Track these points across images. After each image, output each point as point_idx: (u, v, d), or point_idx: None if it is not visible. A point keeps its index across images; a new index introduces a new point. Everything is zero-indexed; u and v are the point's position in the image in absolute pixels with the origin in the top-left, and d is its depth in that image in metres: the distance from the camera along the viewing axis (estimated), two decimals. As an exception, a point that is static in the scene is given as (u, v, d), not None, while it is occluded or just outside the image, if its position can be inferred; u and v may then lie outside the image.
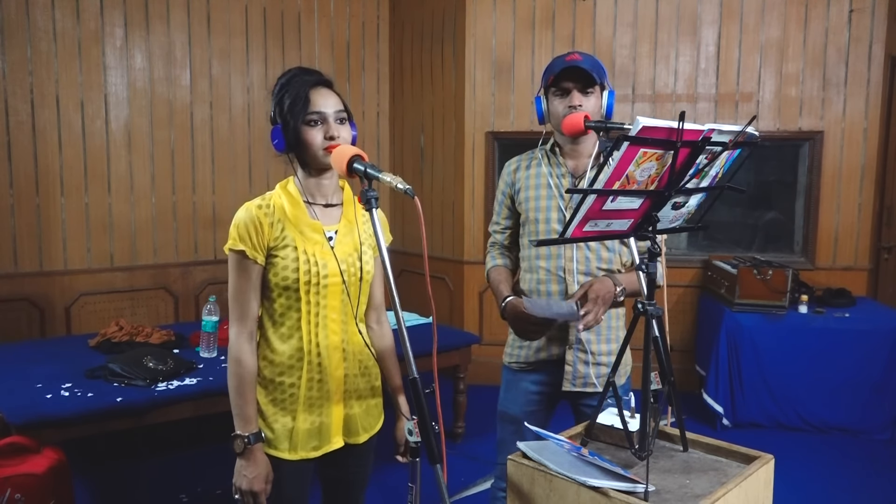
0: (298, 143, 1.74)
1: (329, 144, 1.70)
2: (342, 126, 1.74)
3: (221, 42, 4.86)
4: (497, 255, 2.39)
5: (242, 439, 1.72)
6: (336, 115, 1.73)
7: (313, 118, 1.71)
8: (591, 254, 2.17)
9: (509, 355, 2.32)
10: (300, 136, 1.72)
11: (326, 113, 1.72)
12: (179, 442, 4.02)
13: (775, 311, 4.22)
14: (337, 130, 1.72)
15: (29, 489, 2.34)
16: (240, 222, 1.73)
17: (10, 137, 4.22)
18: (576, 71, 2.08)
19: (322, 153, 1.72)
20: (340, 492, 1.96)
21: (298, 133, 1.72)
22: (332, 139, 1.71)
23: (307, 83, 1.74)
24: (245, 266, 1.73)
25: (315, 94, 1.73)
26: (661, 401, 1.66)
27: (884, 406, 4.06)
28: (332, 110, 1.73)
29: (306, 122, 1.72)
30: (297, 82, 1.74)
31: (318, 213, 1.79)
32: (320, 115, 1.72)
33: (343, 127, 1.74)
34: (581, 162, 2.21)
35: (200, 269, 4.87)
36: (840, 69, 4.60)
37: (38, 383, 2.95)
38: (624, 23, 4.76)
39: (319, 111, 1.72)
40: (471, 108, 4.96)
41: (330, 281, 1.76)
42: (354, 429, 1.87)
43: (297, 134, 1.72)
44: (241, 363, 1.74)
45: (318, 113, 1.71)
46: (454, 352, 3.90)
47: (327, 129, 1.71)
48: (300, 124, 1.72)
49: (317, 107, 1.72)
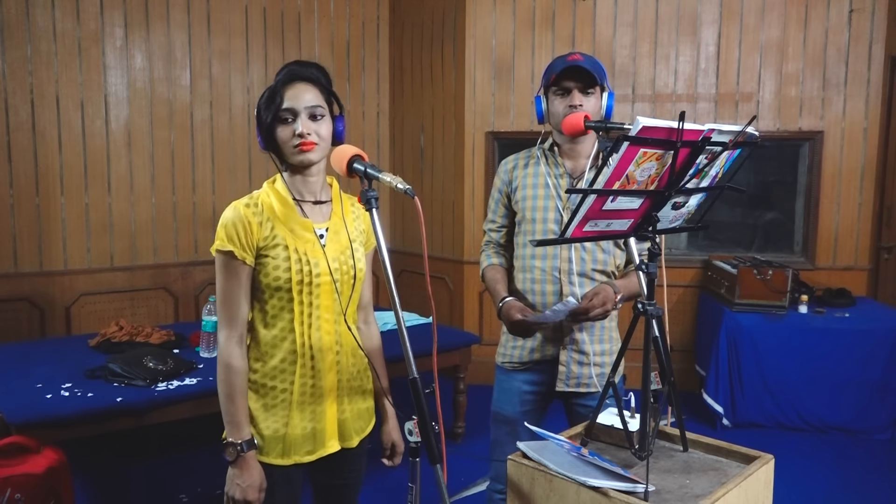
0: (272, 141, 1.69)
1: (300, 142, 1.65)
2: (318, 122, 1.67)
3: (221, 42, 4.86)
4: (492, 254, 2.37)
5: (235, 447, 1.66)
6: (309, 111, 1.66)
7: (284, 115, 1.65)
8: (586, 255, 2.18)
9: (502, 355, 2.32)
10: (273, 134, 1.68)
11: (297, 109, 1.65)
12: (179, 442, 4.02)
13: (775, 311, 4.21)
14: (308, 127, 1.65)
15: (29, 489, 2.34)
16: (227, 222, 1.67)
17: (10, 137, 4.22)
18: (577, 70, 2.08)
19: (293, 151, 1.66)
20: (333, 497, 1.91)
21: (272, 131, 1.68)
22: (300, 137, 1.64)
23: (283, 79, 1.68)
24: (234, 267, 1.68)
25: (289, 89, 1.66)
26: (661, 401, 1.66)
27: (884, 406, 4.05)
28: (303, 105, 1.66)
29: (279, 119, 1.66)
30: (280, 77, 1.69)
31: (307, 211, 1.74)
32: (290, 111, 1.65)
33: (320, 123, 1.67)
34: (579, 162, 2.22)
35: (200, 269, 4.88)
36: (840, 69, 4.60)
37: (38, 383, 2.96)
38: (624, 23, 4.76)
39: (289, 107, 1.65)
40: (471, 108, 4.96)
41: (322, 280, 1.71)
42: (347, 432, 1.82)
43: (271, 132, 1.68)
44: (232, 368, 1.68)
45: (288, 110, 1.65)
46: (454, 352, 3.90)
47: (297, 127, 1.65)
48: (274, 122, 1.67)
49: (287, 103, 1.65)
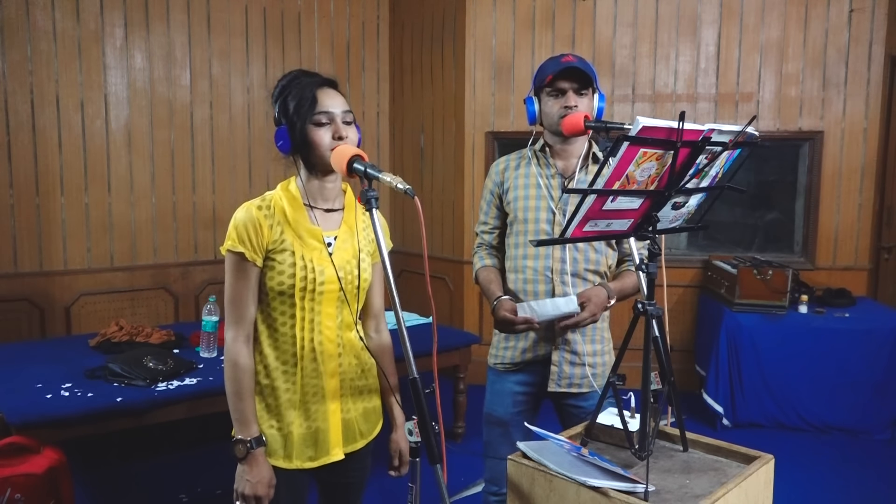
0: (305, 144, 1.69)
1: (335, 145, 1.66)
2: (349, 127, 1.70)
3: (221, 42, 4.86)
4: (485, 256, 2.37)
5: (245, 444, 1.69)
6: (343, 116, 1.69)
7: (321, 118, 1.67)
8: (578, 255, 2.18)
9: (494, 356, 2.31)
10: (307, 137, 1.68)
11: (335, 113, 1.68)
12: (179, 442, 4.02)
13: (775, 311, 4.21)
14: (345, 131, 1.68)
15: (29, 489, 2.34)
16: (239, 223, 1.69)
17: (10, 137, 4.22)
18: (573, 71, 2.09)
19: (329, 154, 1.67)
20: (338, 495, 1.93)
21: (305, 134, 1.67)
22: (340, 139, 1.67)
23: (313, 83, 1.70)
24: (244, 268, 1.70)
25: (322, 94, 1.69)
26: (661, 401, 1.66)
27: (884, 406, 4.06)
28: (339, 110, 1.69)
29: (314, 122, 1.67)
30: (302, 83, 1.70)
31: (318, 218, 1.76)
32: (328, 114, 1.67)
33: (350, 128, 1.70)
34: (570, 162, 2.22)
35: (200, 269, 4.87)
36: (840, 69, 4.60)
37: (38, 383, 2.95)
38: (624, 23, 4.76)
39: (328, 111, 1.67)
40: (471, 108, 4.96)
41: (326, 288, 1.73)
42: (352, 435, 1.83)
43: (305, 134, 1.68)
44: (239, 366, 1.70)
45: (327, 113, 1.67)
46: (454, 352, 3.90)
47: (336, 130, 1.67)
48: (307, 124, 1.67)
49: (325, 107, 1.67)
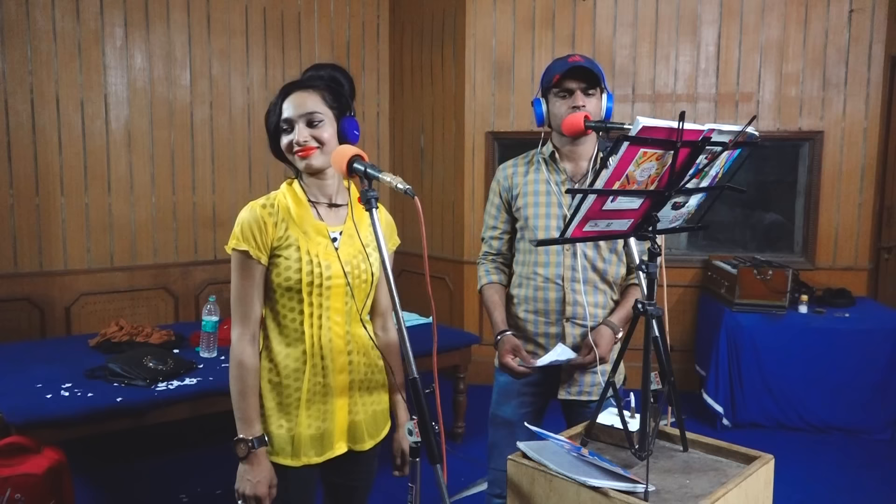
0: (279, 153, 1.78)
1: (297, 150, 1.70)
2: (317, 127, 1.70)
3: (221, 42, 4.86)
4: (492, 270, 2.33)
5: (246, 443, 1.70)
6: (305, 118, 1.70)
7: (283, 126, 1.73)
8: (587, 262, 2.18)
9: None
10: (277, 145, 1.76)
11: (293, 118, 1.71)
12: (179, 442, 4.02)
13: (775, 311, 4.21)
14: (303, 134, 1.69)
15: (29, 489, 2.34)
16: (244, 222, 1.72)
17: (10, 137, 4.22)
18: (580, 71, 2.08)
19: (295, 158, 1.73)
20: (343, 497, 1.93)
21: (276, 141, 1.76)
22: (298, 144, 1.70)
23: (282, 93, 1.75)
24: (249, 266, 1.72)
25: (287, 100, 1.73)
26: (661, 401, 1.66)
27: (884, 406, 4.05)
28: (298, 114, 1.70)
29: (281, 129, 1.74)
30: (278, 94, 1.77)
31: (322, 214, 1.78)
32: (287, 121, 1.72)
33: (319, 127, 1.70)
34: (580, 165, 2.20)
35: (200, 269, 4.87)
36: (840, 69, 4.60)
37: (38, 383, 2.95)
38: (624, 23, 4.76)
39: (287, 117, 1.72)
40: (471, 109, 4.96)
41: (333, 283, 1.74)
42: (360, 435, 1.83)
43: (276, 142, 1.77)
44: (244, 366, 1.72)
45: (286, 120, 1.72)
46: (454, 352, 3.89)
47: (299, 133, 1.70)
48: (277, 133, 1.75)
49: (284, 113, 1.73)
